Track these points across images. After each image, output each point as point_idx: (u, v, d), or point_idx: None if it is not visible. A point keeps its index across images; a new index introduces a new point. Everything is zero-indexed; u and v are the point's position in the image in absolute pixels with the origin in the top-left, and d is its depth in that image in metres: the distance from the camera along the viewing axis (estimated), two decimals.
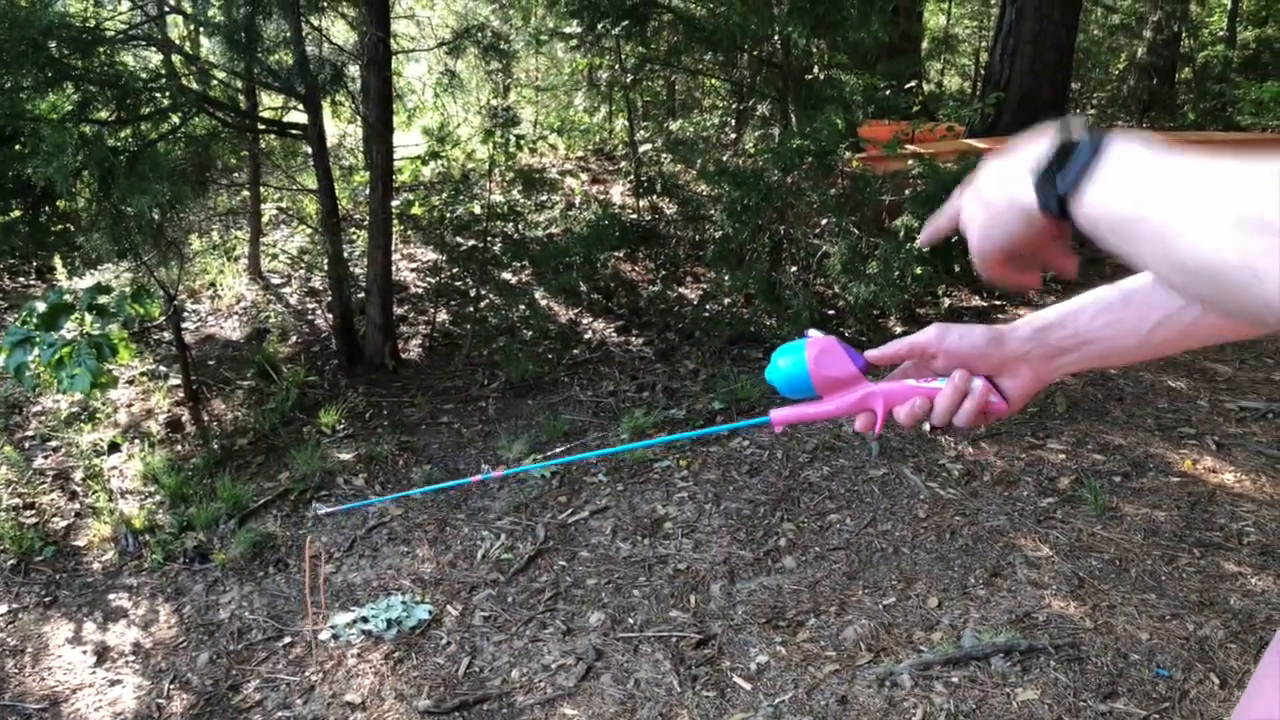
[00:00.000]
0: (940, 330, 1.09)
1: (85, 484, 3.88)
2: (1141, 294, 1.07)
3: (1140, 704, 2.62)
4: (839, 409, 1.14)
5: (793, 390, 1.14)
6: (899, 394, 1.11)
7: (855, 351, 1.14)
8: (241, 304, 5.82)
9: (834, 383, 1.12)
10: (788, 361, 1.14)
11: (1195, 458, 3.85)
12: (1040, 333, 1.07)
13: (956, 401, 1.07)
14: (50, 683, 2.91)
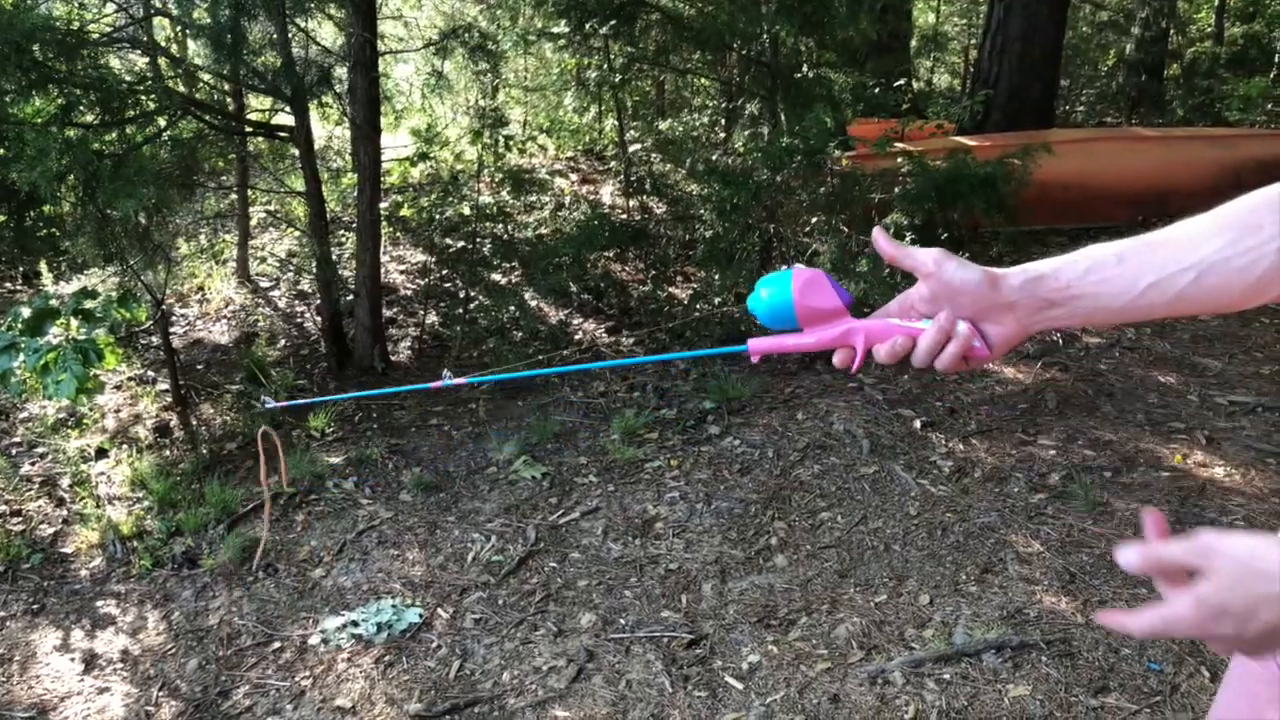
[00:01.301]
0: (941, 255, 1.07)
1: (73, 490, 3.86)
2: (1136, 255, 1.06)
3: (1131, 698, 2.62)
4: (819, 342, 1.12)
5: (774, 320, 1.12)
6: (881, 331, 1.09)
7: (842, 288, 1.11)
8: (230, 307, 5.80)
9: (816, 314, 1.10)
10: (771, 291, 1.12)
11: (1185, 452, 3.85)
12: (1032, 283, 1.06)
13: (940, 342, 1.06)
14: (38, 691, 2.89)
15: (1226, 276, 0.99)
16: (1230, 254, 1.00)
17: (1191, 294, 1.01)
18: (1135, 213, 6.46)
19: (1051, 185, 6.04)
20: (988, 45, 8.26)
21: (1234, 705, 1.20)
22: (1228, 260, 1.00)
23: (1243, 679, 1.17)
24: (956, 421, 4.26)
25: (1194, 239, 1.03)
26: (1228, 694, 1.23)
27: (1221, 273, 1.00)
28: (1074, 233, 6.44)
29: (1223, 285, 0.99)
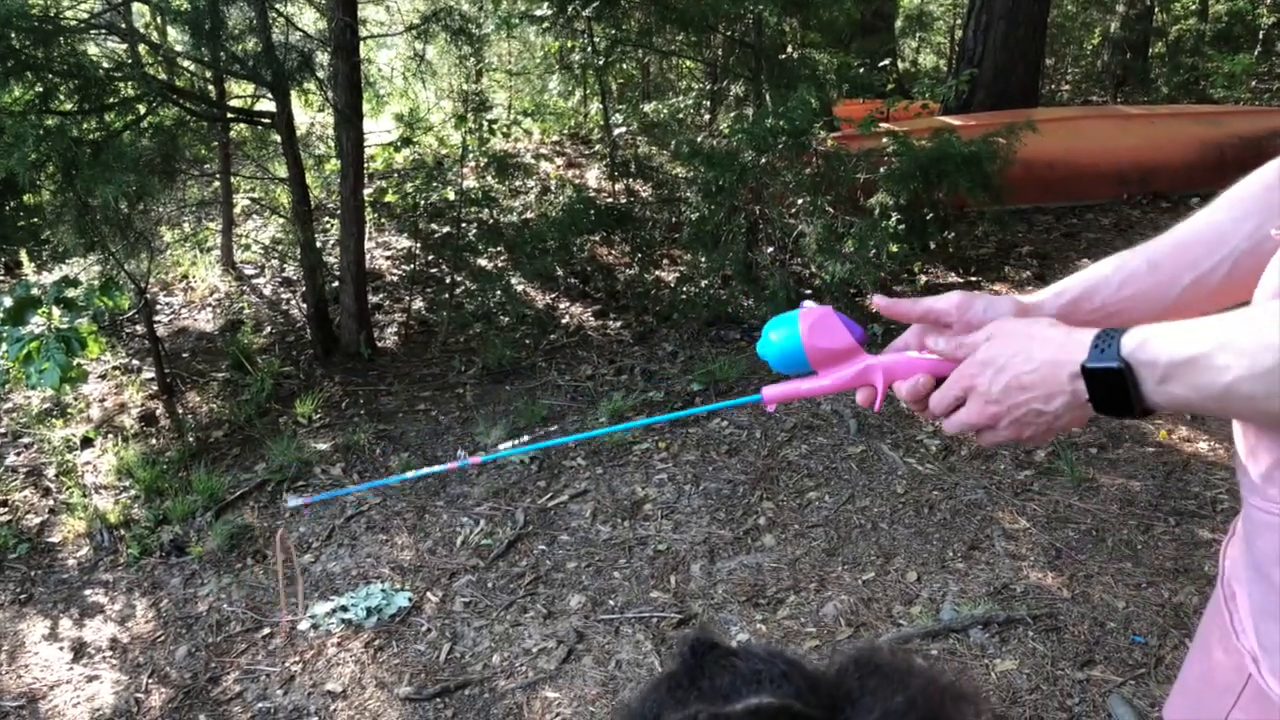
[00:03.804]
0: (964, 301, 1.05)
1: (59, 480, 3.85)
2: (1168, 259, 1.05)
3: (1117, 670, 2.65)
4: (835, 384, 1.08)
5: (786, 365, 1.09)
6: (900, 368, 1.06)
7: (852, 322, 1.08)
8: (215, 295, 5.77)
9: (830, 355, 1.07)
10: (781, 335, 1.09)
11: (1170, 428, 3.88)
12: (1067, 308, 1.05)
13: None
14: (27, 680, 2.89)
15: (1258, 260, 0.99)
16: (1259, 238, 1.00)
17: (1226, 285, 1.00)
18: (1120, 190, 6.48)
19: (1037, 164, 6.04)
20: (972, 24, 8.25)
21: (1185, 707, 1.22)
22: (1257, 245, 1.00)
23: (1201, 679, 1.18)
24: None
25: (1220, 230, 1.03)
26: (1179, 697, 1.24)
27: (1254, 257, 1.00)
28: (1059, 211, 6.45)
29: (1255, 270, 0.99)
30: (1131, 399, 0.87)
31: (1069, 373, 0.90)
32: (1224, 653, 1.09)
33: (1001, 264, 5.77)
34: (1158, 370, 0.86)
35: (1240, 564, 1.06)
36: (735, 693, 0.68)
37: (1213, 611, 1.15)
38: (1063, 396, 0.91)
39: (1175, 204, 6.33)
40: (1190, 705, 1.19)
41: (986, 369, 0.95)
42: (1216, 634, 1.12)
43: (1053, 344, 0.93)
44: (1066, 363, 0.90)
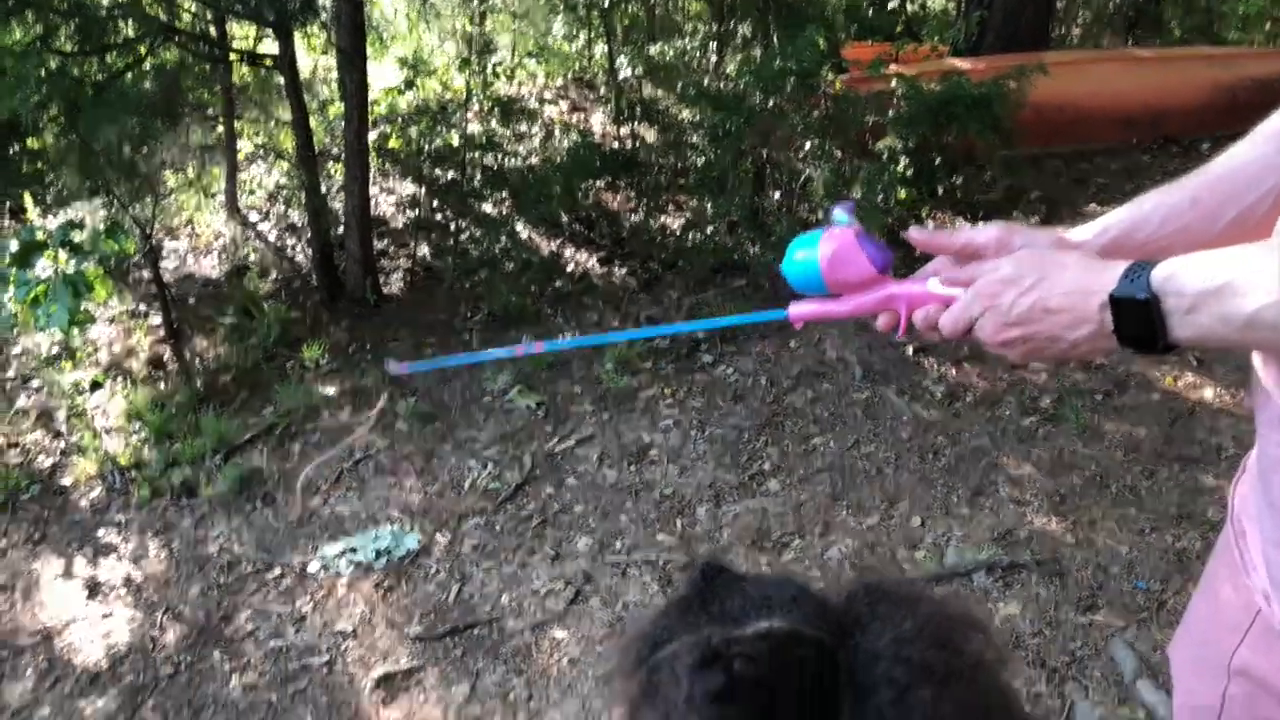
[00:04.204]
0: (1003, 234, 1.04)
1: (69, 423, 3.87)
2: (1209, 193, 1.04)
3: (1119, 615, 2.68)
4: (857, 309, 1.08)
5: (807, 288, 1.09)
6: (922, 299, 1.06)
7: (878, 246, 1.07)
8: (220, 241, 5.75)
9: (850, 285, 1.07)
10: (804, 256, 1.07)
11: (1176, 375, 3.88)
12: (1111, 246, 1.03)
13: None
14: (43, 618, 2.93)
15: None
16: None
17: (1270, 219, 0.99)
18: (1131, 134, 6.41)
19: (1047, 107, 5.97)
20: None
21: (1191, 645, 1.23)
22: None
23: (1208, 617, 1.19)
24: (948, 346, 4.27)
25: (1265, 163, 1.01)
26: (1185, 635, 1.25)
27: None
28: (1069, 155, 6.39)
29: None
30: (1156, 331, 0.87)
31: (1098, 302, 0.90)
32: (1232, 590, 1.10)
33: (1010, 209, 5.73)
34: (1185, 300, 0.86)
35: (1251, 501, 1.07)
36: (745, 616, 0.69)
37: (1221, 550, 1.16)
38: (1088, 325, 0.91)
39: (1186, 148, 6.26)
40: (1196, 643, 1.20)
41: (1010, 288, 0.94)
42: (1224, 572, 1.13)
43: (1083, 272, 0.93)
44: (1097, 291, 0.90)
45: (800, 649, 0.67)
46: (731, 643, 0.67)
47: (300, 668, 2.72)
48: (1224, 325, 0.85)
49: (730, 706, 0.65)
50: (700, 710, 0.65)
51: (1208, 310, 0.85)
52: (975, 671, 0.69)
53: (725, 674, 0.65)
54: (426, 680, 2.66)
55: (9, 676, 2.72)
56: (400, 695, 2.62)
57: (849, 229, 1.06)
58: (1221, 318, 0.85)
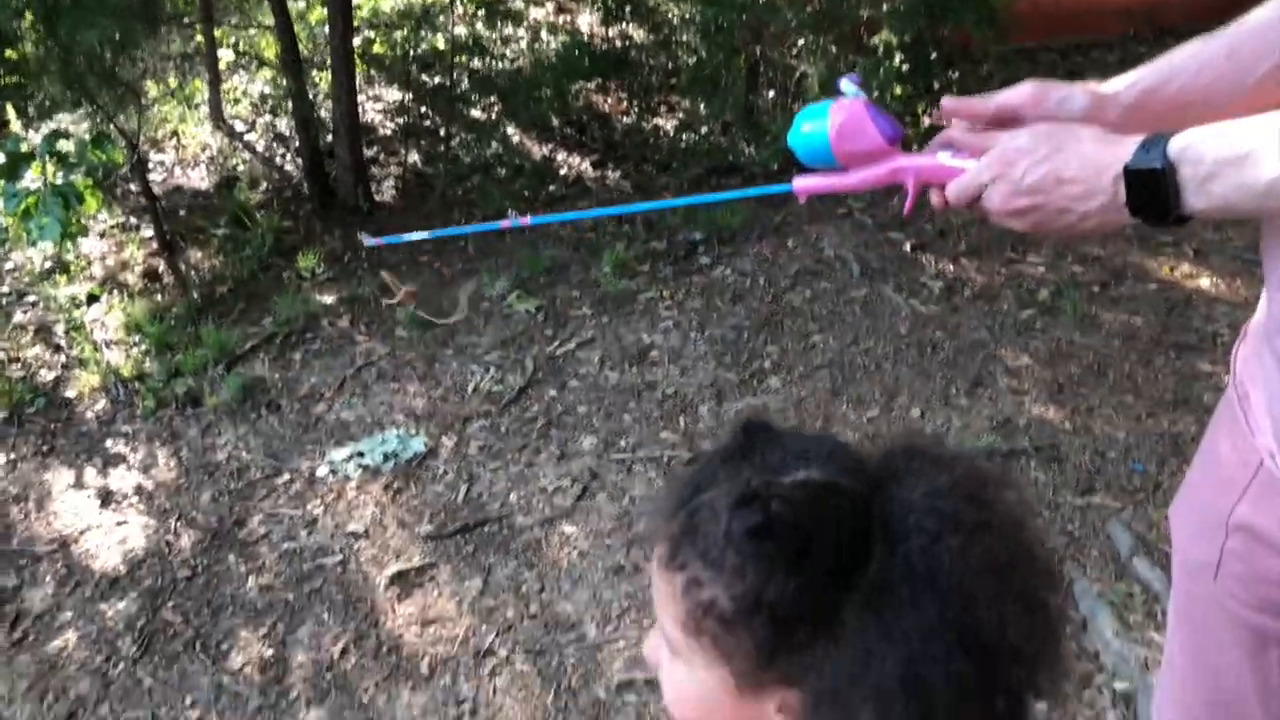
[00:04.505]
0: (1038, 91, 1.03)
1: (68, 336, 3.86)
2: (1247, 44, 1.03)
3: (1116, 497, 2.74)
4: (865, 182, 1.07)
5: (814, 160, 1.08)
6: (931, 171, 1.05)
7: (887, 118, 1.05)
8: (206, 152, 5.66)
9: (859, 156, 1.05)
10: (811, 127, 1.06)
11: (1173, 264, 3.89)
12: (1144, 96, 1.03)
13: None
14: (57, 526, 2.97)
15: None
16: None
17: None
18: (1128, 26, 6.31)
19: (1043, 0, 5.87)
20: None
21: (1190, 505, 1.25)
22: None
23: (1208, 477, 1.21)
24: (946, 243, 4.27)
25: None
26: (1184, 496, 1.28)
27: None
28: (1065, 48, 6.29)
29: None
30: (1170, 202, 0.88)
31: (1112, 174, 0.91)
32: (1233, 450, 1.13)
33: None
34: (1202, 169, 0.86)
35: (1254, 363, 1.09)
36: (785, 468, 0.72)
37: (1223, 414, 1.18)
38: (1101, 197, 0.92)
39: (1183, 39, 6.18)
40: (1195, 503, 1.23)
41: (1025, 157, 0.95)
42: (1226, 434, 1.15)
43: (1099, 144, 0.93)
44: (1111, 163, 0.91)
45: (836, 498, 0.70)
46: (771, 485, 0.69)
47: (315, 568, 2.78)
48: (1241, 194, 0.85)
49: (766, 543, 0.67)
50: (737, 545, 0.68)
51: (1225, 179, 0.86)
52: (1004, 525, 0.72)
53: (763, 513, 0.68)
54: (439, 576, 2.72)
55: (29, 583, 2.77)
56: (414, 591, 2.68)
57: (858, 100, 1.05)
58: (1239, 186, 0.85)
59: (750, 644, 0.69)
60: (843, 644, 0.67)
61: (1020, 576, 0.70)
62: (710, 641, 0.71)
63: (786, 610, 0.67)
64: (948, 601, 0.66)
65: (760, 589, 0.67)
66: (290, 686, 2.42)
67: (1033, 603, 0.70)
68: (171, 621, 2.62)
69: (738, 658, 0.70)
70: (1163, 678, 1.39)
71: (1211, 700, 1.24)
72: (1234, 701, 1.20)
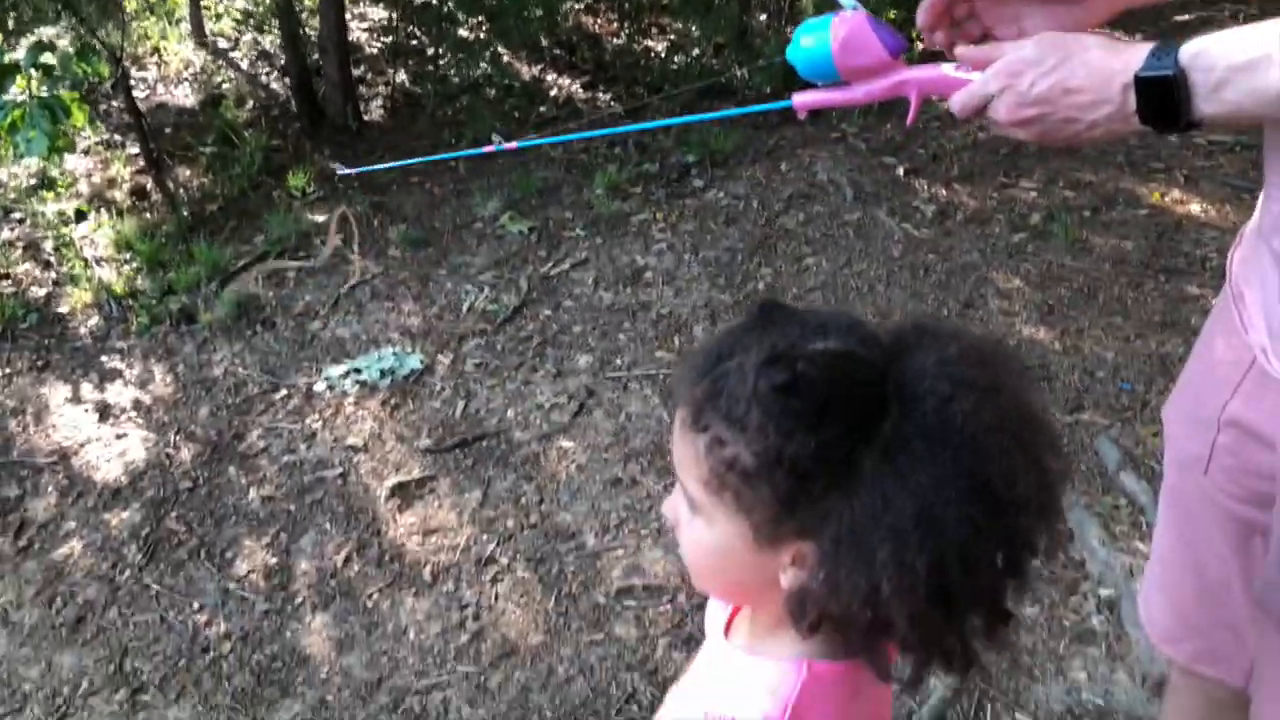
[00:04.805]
0: None
1: (58, 253, 3.84)
2: None
3: (1104, 415, 2.79)
4: (868, 96, 1.07)
5: (815, 74, 1.07)
6: (935, 83, 1.05)
7: (889, 30, 1.05)
8: (190, 70, 5.56)
9: (862, 70, 1.05)
10: (811, 40, 1.05)
11: (1163, 190, 3.92)
12: None
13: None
14: (56, 438, 2.99)
15: None
16: None
17: None
18: None
19: None
20: None
21: (1183, 403, 1.29)
22: None
23: (1201, 375, 1.25)
24: (939, 167, 4.28)
25: None
26: (1178, 395, 1.32)
27: None
28: None
29: None
30: (1180, 109, 0.89)
31: (1121, 82, 0.92)
32: (1228, 349, 1.16)
33: None
34: (1214, 75, 0.88)
35: (1250, 264, 1.11)
36: (804, 339, 0.75)
37: (1218, 315, 1.21)
38: (1108, 106, 0.93)
39: None
40: (1189, 400, 1.27)
41: (1032, 68, 0.96)
42: (1220, 334, 1.19)
43: (1107, 52, 0.94)
44: (1120, 71, 0.92)
45: (855, 364, 0.74)
46: (796, 347, 0.73)
47: (315, 480, 2.81)
48: (1253, 99, 0.87)
49: (792, 400, 0.71)
50: (763, 401, 0.72)
51: (1237, 85, 0.87)
52: (1012, 389, 0.76)
53: (789, 371, 0.71)
54: (439, 488, 2.75)
55: (31, 493, 2.79)
56: (415, 502, 2.72)
57: (859, 12, 1.04)
58: (1251, 91, 0.87)
59: (770, 497, 0.73)
60: (861, 492, 0.71)
61: (1027, 434, 0.74)
62: (732, 497, 0.75)
63: (807, 464, 0.71)
64: (960, 454, 0.70)
65: (782, 445, 0.71)
66: (295, 592, 2.47)
67: (1038, 459, 0.74)
68: (175, 530, 2.65)
69: (757, 511, 0.74)
70: (1151, 570, 1.45)
71: (1198, 588, 1.30)
72: (1218, 589, 1.26)
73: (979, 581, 0.72)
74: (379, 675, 2.26)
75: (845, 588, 0.72)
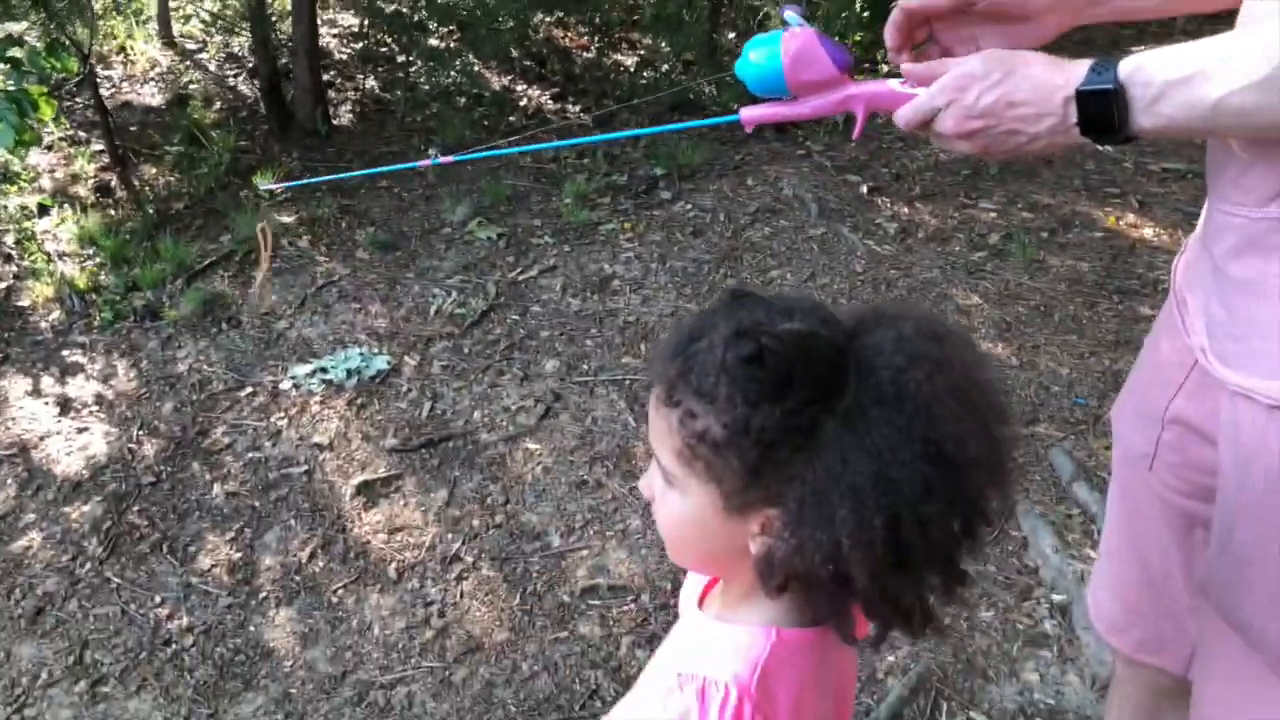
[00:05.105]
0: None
1: (19, 247, 3.79)
2: None
3: (1059, 428, 2.87)
4: (815, 110, 1.09)
5: (765, 88, 1.09)
6: (881, 97, 1.07)
7: (837, 45, 1.07)
8: (156, 70, 5.54)
9: (811, 85, 1.07)
10: (760, 55, 1.06)
11: (1118, 215, 4.03)
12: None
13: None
14: (16, 432, 2.95)
15: None
16: None
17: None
18: None
19: None
20: None
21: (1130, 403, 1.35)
22: None
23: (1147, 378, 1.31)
24: (902, 186, 4.37)
25: None
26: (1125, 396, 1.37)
27: None
28: None
29: None
30: (1118, 122, 0.94)
31: (1063, 96, 0.97)
32: (1172, 351, 1.22)
33: None
34: (1151, 90, 0.93)
35: (1192, 270, 1.17)
36: (770, 319, 0.80)
37: (1162, 320, 1.27)
38: (1051, 119, 0.98)
39: None
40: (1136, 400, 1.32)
41: (977, 82, 1.00)
42: (1165, 336, 1.25)
43: (1048, 68, 0.99)
44: (1062, 86, 0.97)
45: (817, 340, 0.79)
46: (762, 324, 0.78)
47: (280, 476, 2.80)
48: (1188, 112, 0.92)
49: (756, 370, 0.76)
50: (731, 372, 0.77)
51: (1173, 99, 0.92)
52: (962, 361, 0.81)
53: (755, 344, 0.76)
54: (405, 487, 2.76)
55: None
56: (381, 500, 2.72)
57: (808, 29, 1.06)
58: (1186, 104, 0.92)
59: (739, 466, 0.78)
60: (823, 455, 0.76)
61: (977, 401, 0.80)
62: (703, 467, 0.80)
63: (772, 433, 0.76)
64: (914, 420, 0.76)
65: (749, 415, 0.76)
66: (259, 587, 2.46)
67: (987, 425, 0.79)
68: (137, 525, 2.64)
69: (727, 479, 0.79)
70: (1099, 566, 1.50)
71: (1142, 579, 1.36)
72: (1161, 579, 1.31)
73: (933, 539, 0.77)
74: (343, 669, 2.26)
75: (809, 546, 0.77)
